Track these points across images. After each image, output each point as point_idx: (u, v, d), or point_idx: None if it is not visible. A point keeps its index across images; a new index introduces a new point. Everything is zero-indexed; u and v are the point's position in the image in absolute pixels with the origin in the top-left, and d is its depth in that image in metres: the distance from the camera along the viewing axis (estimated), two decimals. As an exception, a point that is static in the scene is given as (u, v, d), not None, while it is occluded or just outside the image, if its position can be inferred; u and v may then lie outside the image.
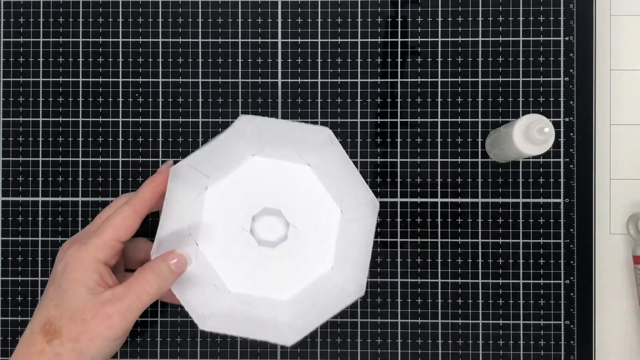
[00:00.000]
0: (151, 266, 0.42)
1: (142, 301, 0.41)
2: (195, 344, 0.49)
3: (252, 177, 0.47)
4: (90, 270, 0.41)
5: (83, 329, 0.40)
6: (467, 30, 0.50)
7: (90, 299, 0.40)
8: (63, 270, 0.41)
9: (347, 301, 0.44)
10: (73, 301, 0.40)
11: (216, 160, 0.45)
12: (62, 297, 0.40)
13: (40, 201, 0.50)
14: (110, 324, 0.40)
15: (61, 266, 0.41)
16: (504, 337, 0.49)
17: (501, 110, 0.49)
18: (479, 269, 0.49)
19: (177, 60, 0.50)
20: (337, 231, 0.47)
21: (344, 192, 0.46)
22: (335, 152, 0.45)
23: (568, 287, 0.49)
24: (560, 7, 0.49)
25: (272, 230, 0.47)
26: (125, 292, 0.41)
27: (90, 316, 0.40)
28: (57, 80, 0.50)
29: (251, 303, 0.47)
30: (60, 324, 0.40)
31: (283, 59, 0.50)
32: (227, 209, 0.47)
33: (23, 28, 0.50)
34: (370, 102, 0.50)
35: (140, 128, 0.50)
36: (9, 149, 0.50)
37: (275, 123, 0.44)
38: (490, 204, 0.49)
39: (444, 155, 0.49)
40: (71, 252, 0.41)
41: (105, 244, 0.41)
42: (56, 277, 0.42)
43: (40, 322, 0.40)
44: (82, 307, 0.40)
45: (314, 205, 0.47)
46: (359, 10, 0.50)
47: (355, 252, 0.45)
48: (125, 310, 0.40)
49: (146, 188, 0.43)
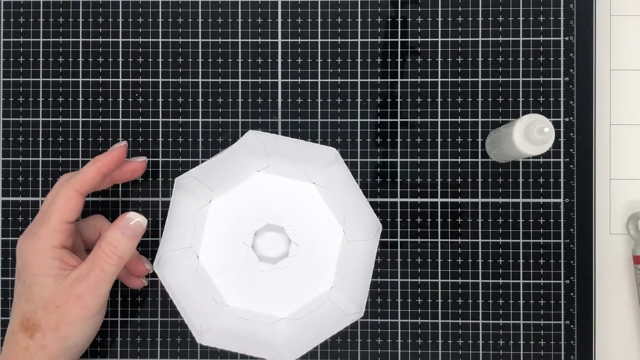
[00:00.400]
0: (106, 237, 0.41)
1: (107, 273, 0.41)
2: (195, 344, 0.49)
3: (256, 193, 0.47)
4: (49, 259, 0.41)
5: (59, 316, 0.40)
6: (467, 30, 0.50)
7: (58, 285, 0.40)
8: (23, 266, 0.41)
9: (346, 322, 0.44)
10: (43, 293, 0.40)
11: (221, 173, 0.45)
12: (31, 291, 0.40)
13: (40, 201, 0.50)
14: (83, 304, 0.40)
15: (21, 262, 0.42)
16: (504, 337, 0.49)
17: (501, 110, 0.49)
18: (479, 269, 0.49)
19: (177, 60, 0.50)
20: (338, 251, 0.47)
21: (347, 212, 0.46)
22: (341, 172, 0.45)
23: (568, 287, 0.49)
24: (560, 7, 0.49)
25: (274, 247, 0.47)
26: (89, 268, 0.41)
27: (62, 302, 0.40)
28: (57, 80, 0.50)
29: (249, 319, 0.47)
30: (36, 317, 0.40)
31: (283, 59, 0.50)
32: (230, 223, 0.47)
33: (23, 28, 0.50)
34: (370, 102, 0.50)
35: (140, 128, 0.50)
36: (9, 149, 0.50)
37: (282, 140, 0.44)
38: (490, 204, 0.49)
39: (444, 155, 0.49)
40: (25, 247, 0.41)
41: (55, 230, 0.41)
42: (20, 274, 0.42)
43: (17, 319, 0.41)
44: (53, 296, 0.40)
45: (317, 224, 0.47)
46: (359, 10, 0.50)
47: (356, 273, 0.46)
48: (93, 286, 0.40)
49: (89, 167, 0.43)
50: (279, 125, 0.50)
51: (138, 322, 0.49)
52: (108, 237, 0.41)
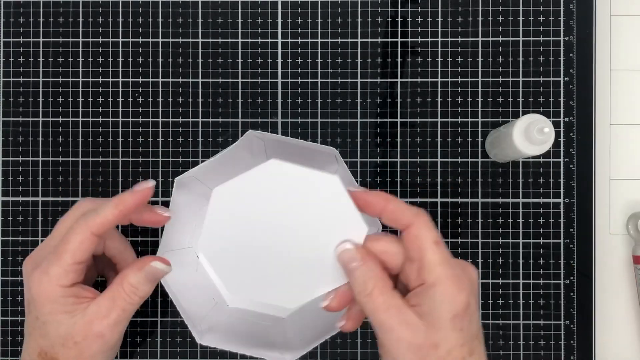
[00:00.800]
0: (129, 278, 0.39)
1: (127, 312, 0.40)
2: (195, 344, 0.49)
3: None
4: (62, 299, 0.39)
5: (78, 352, 0.39)
6: (467, 30, 0.50)
7: (75, 322, 0.39)
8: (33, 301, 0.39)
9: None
10: (60, 330, 0.39)
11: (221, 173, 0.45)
12: (46, 328, 0.39)
13: (40, 201, 0.50)
14: (103, 341, 0.39)
15: (29, 296, 0.39)
16: (504, 337, 0.49)
17: (501, 110, 0.49)
18: (479, 269, 0.49)
19: (177, 60, 0.50)
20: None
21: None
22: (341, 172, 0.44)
23: (568, 287, 0.49)
24: (560, 7, 0.49)
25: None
26: (110, 306, 0.39)
27: (81, 338, 0.39)
28: (57, 80, 0.50)
29: (250, 319, 0.46)
30: (54, 352, 0.39)
31: (283, 59, 0.50)
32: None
33: (23, 28, 0.50)
34: (370, 102, 0.50)
35: (140, 128, 0.50)
36: (9, 149, 0.50)
37: (281, 140, 0.44)
38: (490, 204, 0.49)
39: (444, 155, 0.49)
40: (35, 284, 0.39)
41: (66, 271, 0.39)
42: (30, 308, 0.40)
43: (35, 351, 0.40)
44: (71, 333, 0.39)
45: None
46: (359, 10, 0.50)
47: None
48: (113, 325, 0.39)
49: (110, 209, 0.39)
50: (279, 125, 0.50)
51: (138, 322, 0.49)
52: (131, 279, 0.39)
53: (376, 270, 0.36)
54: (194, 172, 0.44)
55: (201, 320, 0.45)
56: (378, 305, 0.35)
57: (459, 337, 0.33)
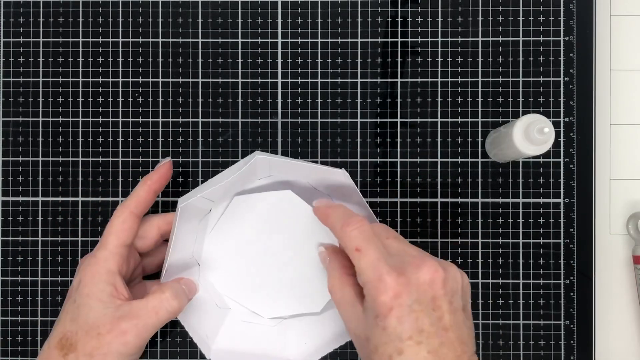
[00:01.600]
0: (169, 285, 0.42)
1: (159, 319, 0.41)
2: (194, 344, 0.49)
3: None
4: (103, 283, 0.41)
5: (98, 343, 0.39)
6: (467, 30, 0.50)
7: (106, 313, 0.40)
8: (78, 285, 0.42)
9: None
10: (89, 315, 0.40)
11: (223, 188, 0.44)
12: (78, 311, 0.40)
13: (40, 201, 0.50)
14: (125, 341, 0.40)
15: (76, 280, 0.42)
16: (504, 337, 0.49)
17: (501, 110, 0.49)
18: (479, 269, 0.49)
19: (177, 60, 0.50)
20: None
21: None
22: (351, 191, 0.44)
23: (568, 287, 0.49)
24: (560, 7, 0.49)
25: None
26: (143, 308, 0.41)
27: (106, 331, 0.40)
28: (57, 80, 0.50)
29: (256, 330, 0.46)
30: (76, 339, 0.40)
31: (283, 59, 0.50)
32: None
33: (23, 28, 0.50)
34: (370, 102, 0.50)
35: (140, 128, 0.50)
36: (9, 149, 0.50)
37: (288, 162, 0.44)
38: (490, 204, 0.49)
39: (444, 155, 0.49)
40: (84, 267, 0.42)
41: (112, 253, 0.42)
42: (72, 292, 0.42)
43: (57, 336, 0.41)
44: (98, 322, 0.40)
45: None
46: (359, 10, 0.50)
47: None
48: (141, 327, 0.40)
49: (141, 187, 0.44)
50: (279, 125, 0.50)
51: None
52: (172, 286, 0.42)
53: (336, 269, 0.41)
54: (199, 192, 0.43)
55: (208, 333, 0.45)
56: (337, 300, 0.40)
57: (382, 335, 0.35)
